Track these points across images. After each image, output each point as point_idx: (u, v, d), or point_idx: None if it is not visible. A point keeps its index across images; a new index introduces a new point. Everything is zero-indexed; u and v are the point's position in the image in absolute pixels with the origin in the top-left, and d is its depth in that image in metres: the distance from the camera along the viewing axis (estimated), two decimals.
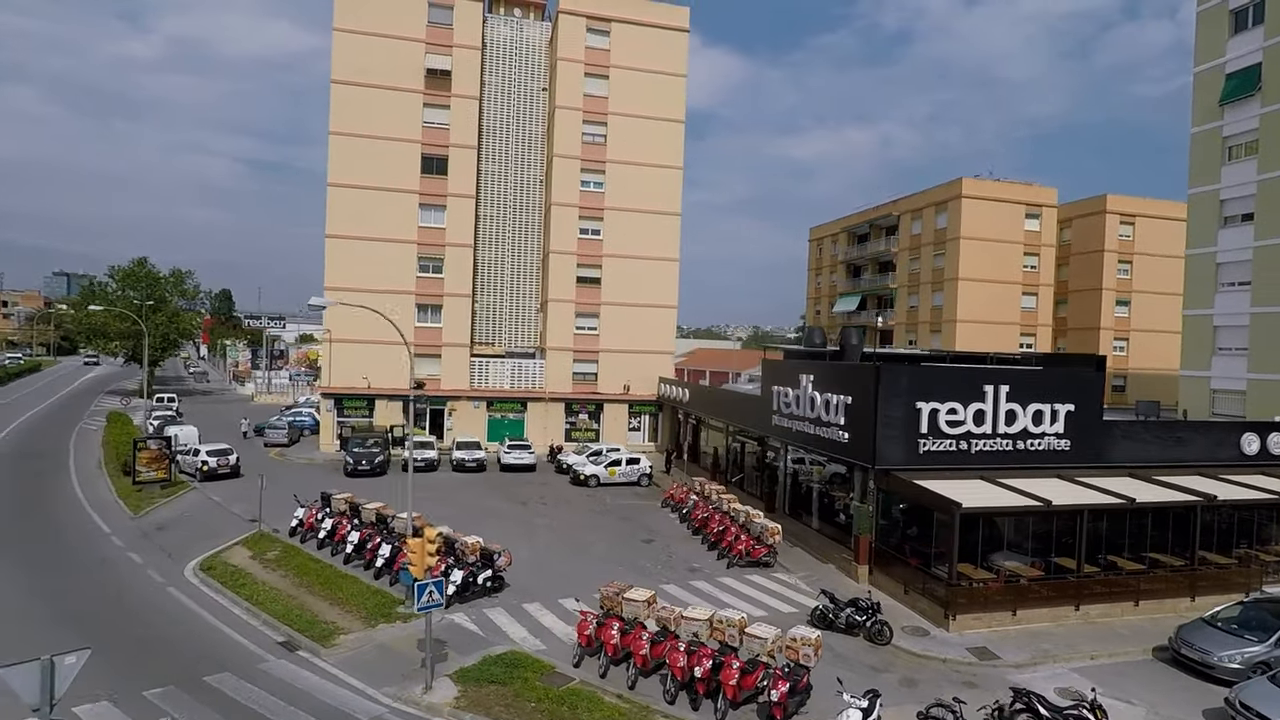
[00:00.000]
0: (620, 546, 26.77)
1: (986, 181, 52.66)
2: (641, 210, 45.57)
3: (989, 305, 51.84)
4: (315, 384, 72.65)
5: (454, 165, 43.12)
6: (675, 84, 46.04)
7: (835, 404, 24.42)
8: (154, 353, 69.23)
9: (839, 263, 67.13)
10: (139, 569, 22.27)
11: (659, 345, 46.46)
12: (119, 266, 69.68)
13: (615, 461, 36.89)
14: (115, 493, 31.13)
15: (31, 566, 21.93)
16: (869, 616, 19.36)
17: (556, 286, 44.70)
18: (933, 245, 53.94)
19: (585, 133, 45.01)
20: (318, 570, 22.25)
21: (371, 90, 41.76)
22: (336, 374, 41.94)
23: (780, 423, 28.54)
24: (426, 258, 42.92)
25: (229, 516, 28.60)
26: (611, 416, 46.06)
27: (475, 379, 44.13)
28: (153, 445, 31.80)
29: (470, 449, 39.25)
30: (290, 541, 25.29)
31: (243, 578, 21.56)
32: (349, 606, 19.74)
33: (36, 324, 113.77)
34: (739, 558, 24.82)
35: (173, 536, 25.80)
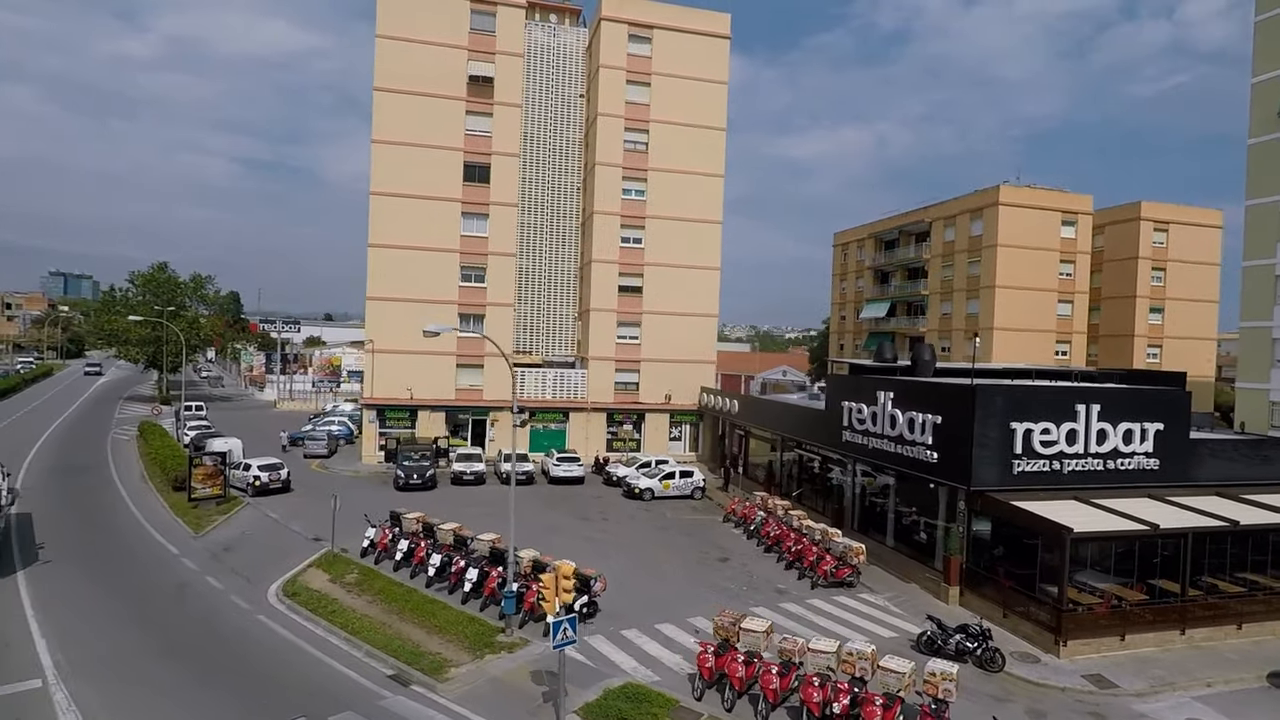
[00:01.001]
0: (697, 566, 26.42)
1: (1023, 188, 52.46)
2: (683, 218, 45.21)
3: (1025, 313, 51.66)
4: (338, 390, 72.13)
5: (496, 173, 42.66)
6: (716, 91, 45.69)
7: (922, 423, 24.11)
8: (175, 359, 68.59)
9: (866, 268, 66.91)
10: (221, 595, 21.78)
11: (700, 354, 46.11)
12: (139, 272, 68.94)
13: (669, 475, 36.54)
14: (171, 510, 30.58)
15: (120, 593, 21.38)
16: (980, 643, 19.06)
17: (598, 295, 44.29)
18: (967, 252, 53.73)
19: (627, 140, 44.61)
20: (404, 595, 21.81)
21: (414, 98, 41.26)
22: (379, 385, 41.44)
23: (852, 439, 28.22)
24: (469, 267, 42.45)
25: (291, 535, 28.14)
26: (653, 426, 45.70)
27: (518, 389, 43.66)
28: (208, 462, 31.27)
29: (518, 462, 38.80)
30: (364, 563, 24.83)
31: (330, 604, 21.11)
32: (448, 635, 19.31)
33: (45, 327, 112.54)
34: (823, 578, 24.52)
35: (242, 557, 25.30)
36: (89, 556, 24.38)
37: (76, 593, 21.14)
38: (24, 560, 23.33)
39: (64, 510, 29.71)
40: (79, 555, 24.46)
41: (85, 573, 22.83)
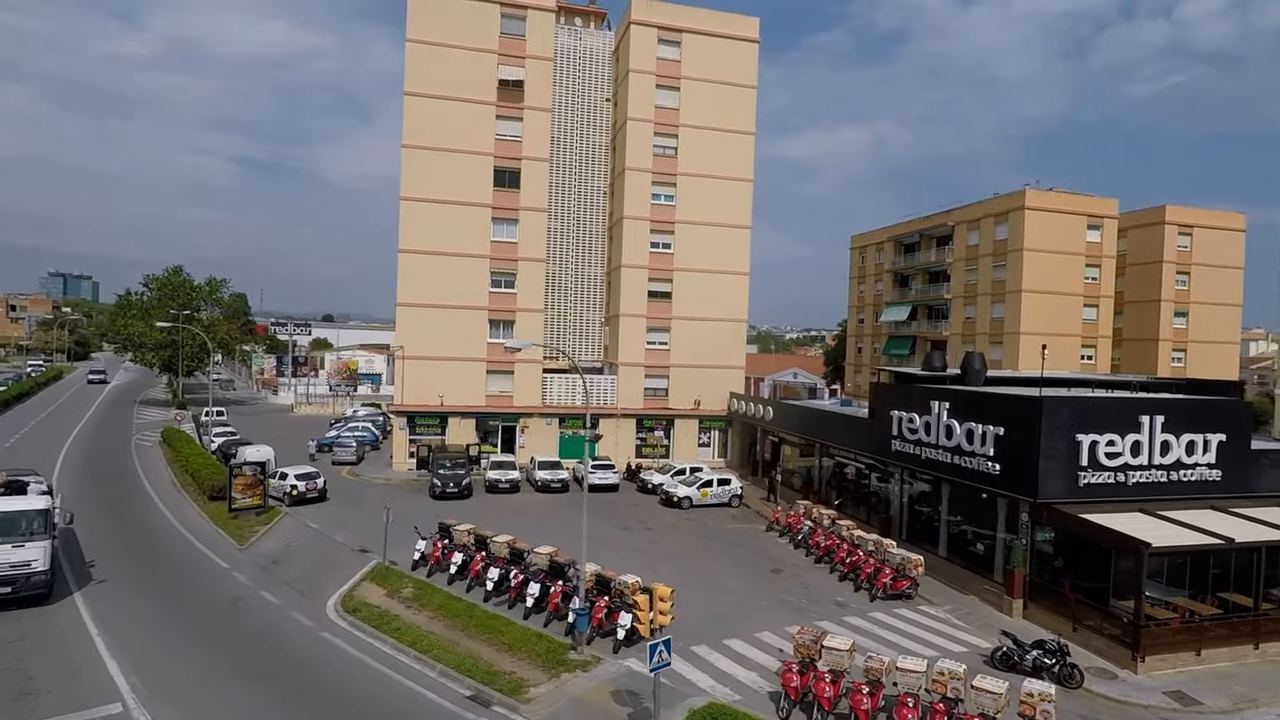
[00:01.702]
0: (752, 578, 26.20)
1: (1049, 193, 52.33)
2: (712, 224, 44.96)
3: (1050, 317, 51.52)
4: (355, 394, 71.77)
5: (526, 178, 42.36)
6: (745, 95, 45.46)
7: (983, 434, 23.90)
8: (190, 363, 68.21)
9: (885, 271, 66.74)
10: (280, 610, 21.48)
11: (729, 360, 45.89)
12: (154, 275, 68.53)
13: (707, 482, 36.31)
14: (211, 520, 30.24)
15: (179, 610, 21.05)
16: (1057, 659, 18.88)
17: (628, 301, 44.03)
18: (992, 256, 53.58)
19: (656, 145, 44.35)
20: (464, 611, 21.51)
21: (444, 102, 40.95)
22: (409, 391, 41.12)
23: (902, 448, 28.00)
24: (499, 272, 42.14)
25: (335, 546, 27.83)
26: (682, 432, 45.46)
27: (547, 395, 43.40)
28: (247, 471, 30.93)
29: (552, 468, 38.59)
30: (417, 576, 24.55)
31: (392, 620, 20.82)
32: (519, 653, 19.04)
33: (54, 329, 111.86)
34: (881, 591, 24.31)
35: (292, 570, 25.01)
36: (140, 572, 24.02)
37: (136, 611, 20.81)
38: (78, 580, 22.94)
39: (104, 521, 29.31)
40: (130, 571, 24.10)
41: (140, 589, 22.49)
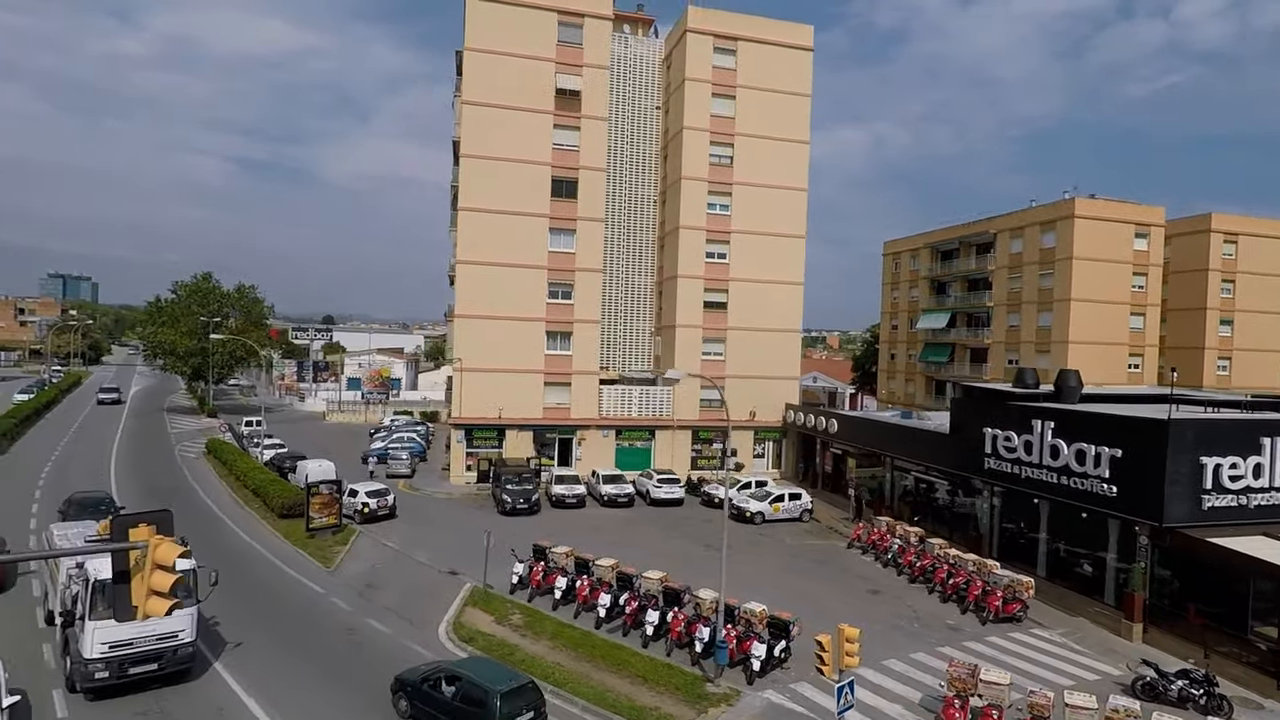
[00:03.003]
0: (852, 599, 25.83)
1: (1098, 201, 52.12)
2: (767, 233, 44.60)
3: (1098, 326, 51.31)
4: (387, 402, 71.13)
5: (583, 188, 41.90)
6: (800, 104, 45.09)
7: (1096, 455, 23.56)
8: (220, 370, 67.52)
9: (921, 278, 66.49)
10: (394, 640, 20.94)
11: (784, 371, 45.52)
12: (183, 282, 67.80)
13: (779, 497, 35.94)
14: (288, 540, 29.66)
15: (296, 642, 20.43)
16: (1204, 689, 18.56)
17: (684, 311, 43.61)
18: (1038, 264, 53.36)
19: (712, 154, 43.95)
20: (582, 640, 21.08)
21: (502, 111, 40.46)
22: (467, 404, 40.60)
23: (998, 467, 27.66)
24: (556, 283, 41.67)
25: (422, 568, 27.33)
26: (737, 443, 45.04)
27: (604, 407, 42.95)
28: (324, 490, 30.38)
29: (617, 482, 38.15)
30: (517, 600, 24.13)
31: (511, 650, 20.33)
32: (655, 687, 18.62)
33: (67, 333, 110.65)
34: (993, 614, 23.95)
35: (389, 596, 24.47)
36: (242, 603, 23.15)
37: (252, 644, 20.22)
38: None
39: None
40: (231, 601, 23.30)
41: (251, 623, 21.70)
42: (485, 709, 14.68)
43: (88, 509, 26.47)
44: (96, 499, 27.69)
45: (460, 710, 15.13)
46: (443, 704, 15.47)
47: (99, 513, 26.00)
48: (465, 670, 15.98)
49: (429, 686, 15.92)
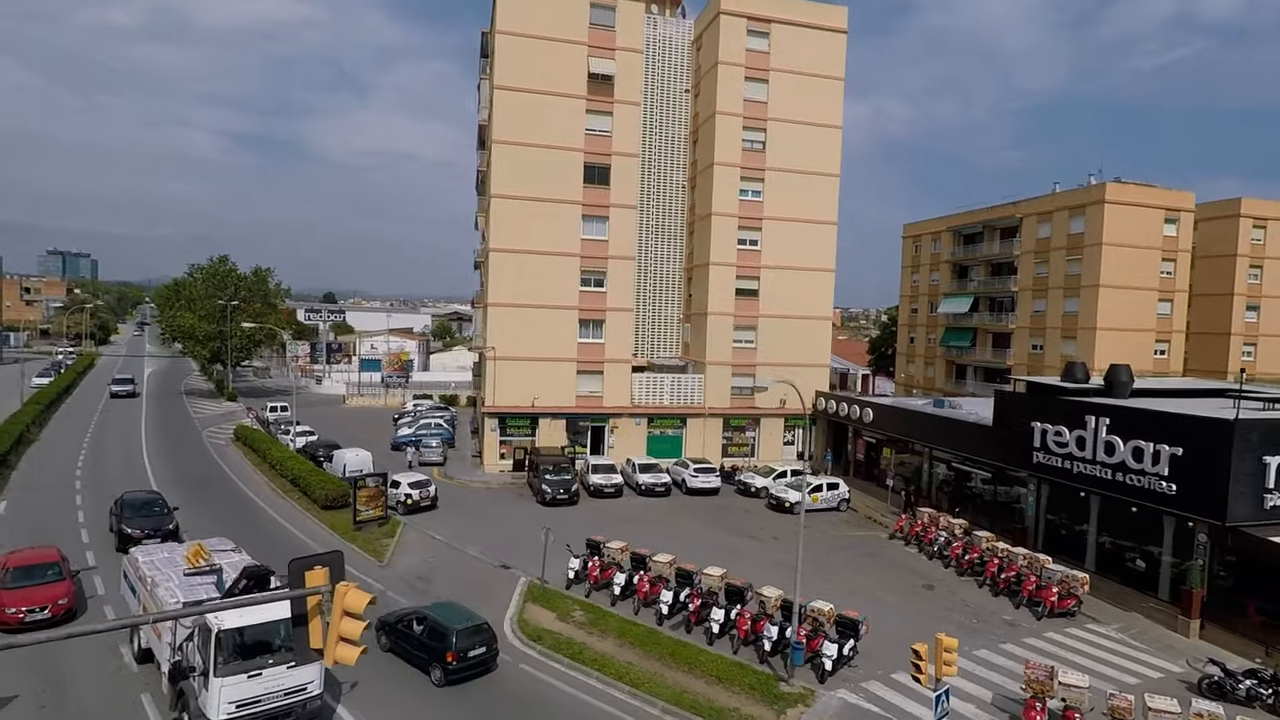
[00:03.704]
0: (906, 594, 26.02)
1: (1128, 186, 51.71)
2: (799, 219, 44.23)
3: (1126, 312, 51.14)
4: (407, 386, 71.06)
5: (616, 174, 41.42)
6: (833, 87, 44.46)
7: (1155, 453, 23.58)
8: (238, 354, 67.33)
9: (942, 262, 66.18)
10: None
11: (814, 358, 45.44)
12: (200, 265, 67.36)
13: (817, 487, 36.04)
14: (335, 532, 29.69)
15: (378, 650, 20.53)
16: (1273, 689, 18.75)
17: (715, 299, 43.39)
18: (1065, 250, 53.07)
19: (745, 139, 43.44)
20: (648, 638, 21.20)
21: (534, 96, 39.86)
22: (500, 393, 40.54)
23: (1047, 461, 27.70)
24: (589, 271, 41.38)
25: (474, 562, 27.45)
26: (767, 431, 45.12)
27: (636, 395, 42.91)
28: (371, 484, 30.40)
29: (653, 472, 38.24)
30: (575, 596, 24.26)
31: (581, 649, 20.47)
32: (730, 687, 18.77)
33: (75, 313, 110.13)
34: (1049, 609, 24.14)
35: (446, 591, 24.38)
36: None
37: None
38: None
39: (228, 535, 28.71)
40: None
41: None
42: (445, 641, 17.96)
43: (140, 510, 26.41)
44: (148, 499, 27.51)
45: (427, 644, 18.37)
46: (414, 639, 18.72)
47: (152, 513, 26.18)
48: (431, 613, 19.04)
49: (403, 626, 19.14)
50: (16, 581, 20.01)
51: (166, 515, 26.58)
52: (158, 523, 25.85)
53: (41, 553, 21.62)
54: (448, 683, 17.90)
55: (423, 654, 18.42)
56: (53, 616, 19.70)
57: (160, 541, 24.61)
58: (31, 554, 21.43)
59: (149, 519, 25.89)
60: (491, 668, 18.73)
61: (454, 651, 17.75)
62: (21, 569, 20.43)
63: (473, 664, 18.13)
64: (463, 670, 18.01)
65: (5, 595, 19.70)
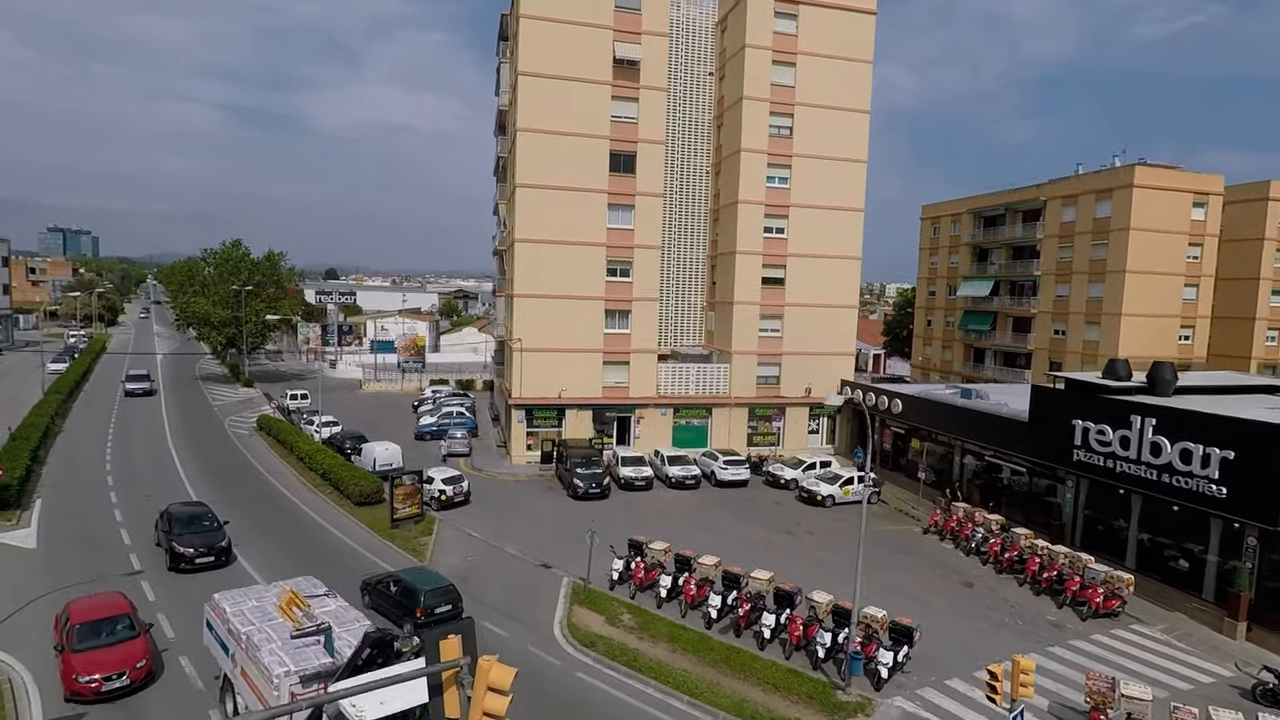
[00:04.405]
0: (947, 593, 26.10)
1: (1157, 169, 50.95)
2: (826, 207, 43.66)
3: (1151, 298, 50.72)
4: (423, 370, 70.89)
5: (642, 162, 40.78)
6: (861, 71, 43.61)
7: (1204, 456, 23.45)
8: (253, 339, 67.10)
9: (962, 244, 65.58)
10: (517, 645, 20.91)
11: (840, 347, 45.18)
12: (212, 250, 66.86)
13: (848, 480, 36.03)
14: (372, 530, 29.71)
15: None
16: None
17: (741, 288, 43.03)
18: (1091, 234, 52.48)
19: (771, 125, 42.71)
20: (698, 642, 21.29)
21: (558, 82, 39.10)
22: (527, 384, 40.38)
23: (1088, 459, 27.59)
24: (615, 261, 40.96)
25: (514, 562, 27.50)
26: (792, 420, 45.05)
27: (662, 386, 42.74)
28: (407, 481, 30.34)
29: (682, 464, 38.21)
30: (620, 597, 24.35)
31: (634, 655, 20.54)
32: (788, 695, 18.87)
33: (84, 294, 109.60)
34: (1094, 610, 24.20)
35: (490, 592, 24.57)
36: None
37: None
38: None
39: (268, 535, 28.76)
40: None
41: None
42: (415, 599, 20.71)
43: (190, 525, 25.22)
44: (196, 512, 26.23)
45: (400, 601, 21.09)
46: (390, 597, 21.56)
47: (203, 528, 25.15)
48: (404, 575, 21.98)
49: (382, 586, 22.09)
50: (84, 642, 17.11)
51: (217, 530, 25.46)
52: (209, 539, 24.81)
53: (107, 601, 18.77)
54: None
55: (396, 610, 21.01)
56: (132, 683, 17.07)
57: (214, 560, 24.37)
58: (96, 604, 18.52)
59: (199, 535, 24.83)
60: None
61: (422, 608, 20.41)
62: (88, 626, 17.52)
63: (439, 619, 20.26)
64: (429, 625, 19.60)
65: (74, 660, 16.73)
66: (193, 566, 24.17)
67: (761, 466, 40.35)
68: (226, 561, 24.95)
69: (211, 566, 24.48)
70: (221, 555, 24.65)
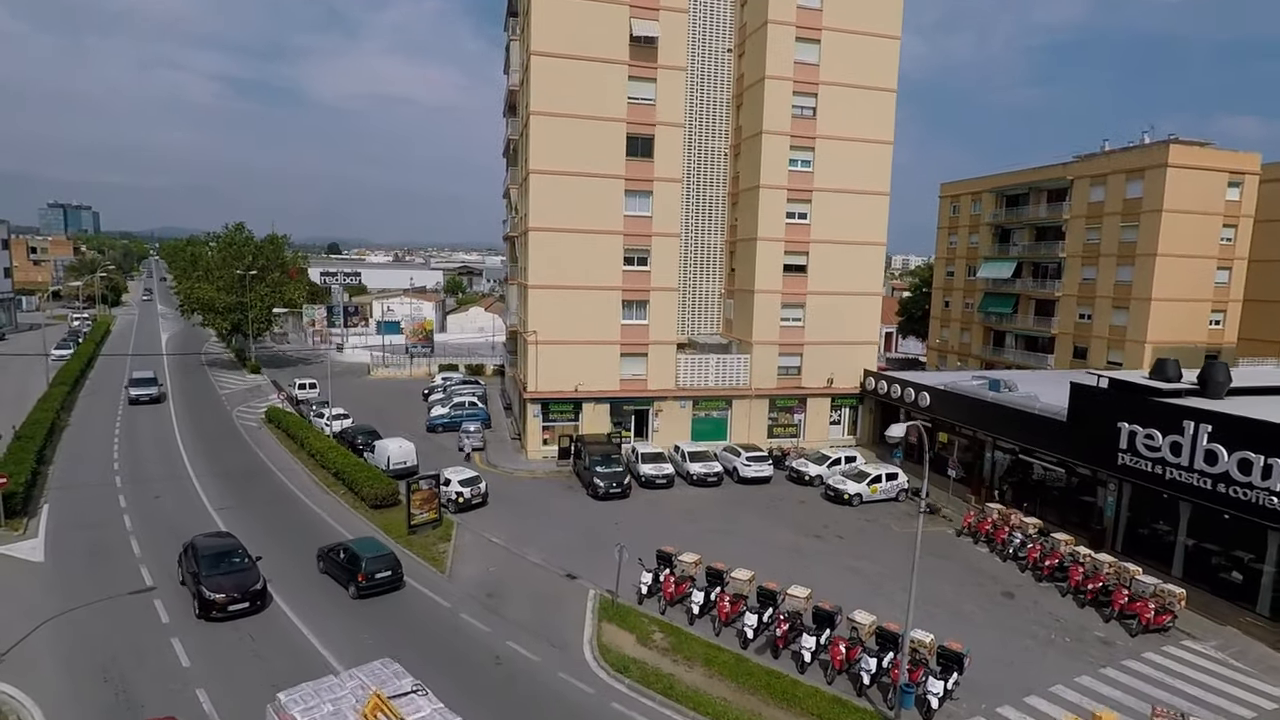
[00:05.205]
0: (987, 604, 25.16)
1: (1192, 148, 49.05)
2: (850, 190, 42.04)
3: (1181, 281, 49.15)
4: (432, 356, 69.79)
5: (660, 145, 39.10)
6: (888, 47, 41.64)
7: (1266, 467, 22.28)
8: (259, 324, 66.00)
9: (983, 224, 63.80)
10: (546, 670, 20.19)
11: (863, 335, 43.88)
12: (215, 233, 65.45)
13: (876, 479, 35.00)
14: (389, 535, 28.75)
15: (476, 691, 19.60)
16: None
17: (763, 276, 41.61)
18: (1120, 216, 50.74)
19: (794, 105, 40.90)
20: (734, 666, 20.41)
21: (573, 63, 37.31)
22: (543, 378, 39.24)
23: (1134, 464, 26.45)
24: (633, 249, 39.52)
25: (538, 571, 26.60)
26: (814, 411, 43.93)
27: (681, 378, 41.57)
28: (424, 486, 29.37)
29: (704, 460, 37.19)
30: (649, 613, 23.46)
31: (670, 682, 19.64)
32: None
33: (86, 274, 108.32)
34: (1143, 626, 23.25)
35: (515, 608, 23.69)
36: (381, 624, 22.50)
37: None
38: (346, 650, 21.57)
39: (286, 548, 27.82)
40: (375, 624, 22.72)
41: (408, 659, 21.16)
42: (358, 565, 23.50)
43: (219, 564, 22.45)
44: (224, 547, 23.47)
45: (346, 567, 23.87)
46: (339, 564, 24.31)
47: (233, 568, 22.45)
48: (351, 545, 24.62)
49: (332, 554, 24.80)
50: None
51: (250, 570, 22.80)
52: (241, 581, 22.09)
53: None
54: (359, 596, 23.37)
55: (343, 575, 23.97)
56: None
57: (249, 606, 21.76)
58: None
59: (230, 576, 22.12)
60: (398, 587, 24.10)
61: (364, 574, 23.32)
62: None
63: (379, 584, 23.60)
64: (371, 588, 23.46)
65: None
66: (225, 615, 21.58)
67: (784, 461, 39.33)
68: (262, 605, 22.34)
69: (246, 612, 21.92)
70: (256, 600, 22.15)
